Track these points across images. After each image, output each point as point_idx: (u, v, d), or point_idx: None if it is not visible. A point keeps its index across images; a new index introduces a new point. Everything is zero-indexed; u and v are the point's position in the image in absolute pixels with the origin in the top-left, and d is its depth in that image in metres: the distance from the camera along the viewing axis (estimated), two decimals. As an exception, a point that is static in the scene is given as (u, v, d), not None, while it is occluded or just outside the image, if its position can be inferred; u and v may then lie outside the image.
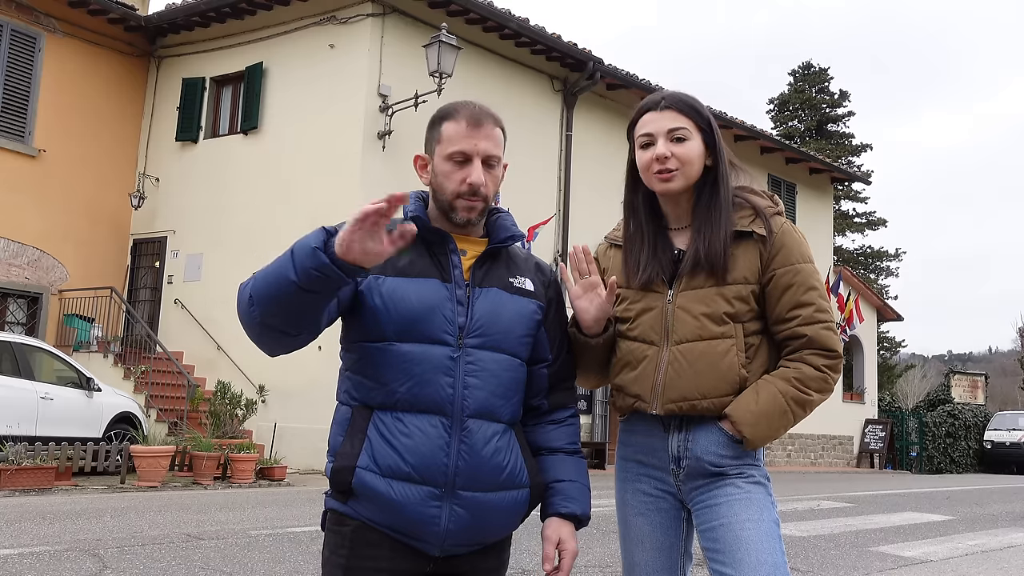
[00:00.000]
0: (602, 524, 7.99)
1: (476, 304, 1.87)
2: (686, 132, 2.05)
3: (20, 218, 15.00)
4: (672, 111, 2.07)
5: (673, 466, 2.05)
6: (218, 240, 15.34)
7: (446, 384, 1.80)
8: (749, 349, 2.02)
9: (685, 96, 2.11)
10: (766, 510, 2.00)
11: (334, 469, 1.81)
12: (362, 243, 1.59)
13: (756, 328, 2.04)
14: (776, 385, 1.99)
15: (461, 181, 1.87)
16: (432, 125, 1.96)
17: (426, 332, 1.82)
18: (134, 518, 7.72)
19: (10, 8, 15.14)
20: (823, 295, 2.04)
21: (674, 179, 2.04)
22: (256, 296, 1.69)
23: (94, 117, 16.22)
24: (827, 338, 2.00)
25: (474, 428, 1.81)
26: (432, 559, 1.82)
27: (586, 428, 17.45)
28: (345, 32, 14.56)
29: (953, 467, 27.03)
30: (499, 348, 1.87)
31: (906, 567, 6.78)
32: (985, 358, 70.31)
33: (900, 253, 40.88)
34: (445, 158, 1.89)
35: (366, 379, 1.84)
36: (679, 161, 2.04)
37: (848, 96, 41.14)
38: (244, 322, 1.74)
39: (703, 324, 2.00)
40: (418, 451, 1.77)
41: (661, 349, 2.03)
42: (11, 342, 11.39)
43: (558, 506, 1.94)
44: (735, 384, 1.99)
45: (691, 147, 2.05)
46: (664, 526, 2.11)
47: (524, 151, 15.84)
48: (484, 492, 1.81)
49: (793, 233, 2.06)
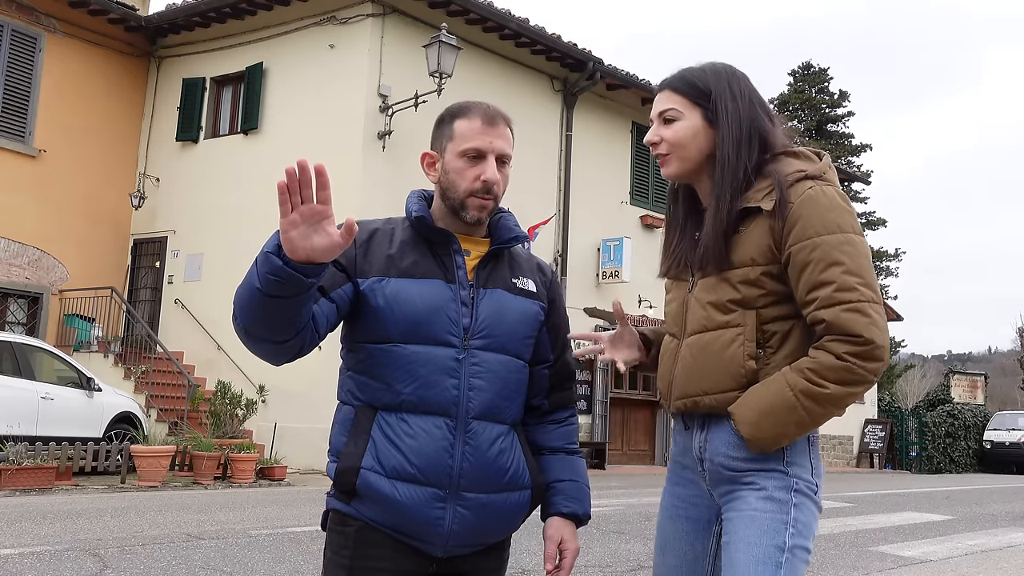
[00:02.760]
0: (602, 524, 8.00)
1: (480, 305, 1.86)
2: (675, 112, 1.91)
3: (20, 218, 15.00)
4: (666, 91, 1.94)
5: (699, 467, 1.90)
6: (218, 240, 15.34)
7: (451, 386, 1.79)
8: (771, 338, 1.80)
9: (690, 70, 1.95)
10: (768, 533, 1.74)
11: (338, 470, 1.80)
12: (305, 239, 1.53)
13: (780, 313, 1.81)
14: (786, 377, 1.75)
15: (475, 178, 1.85)
16: (442, 122, 1.93)
17: (430, 334, 1.80)
18: (134, 518, 7.72)
19: (10, 8, 15.15)
20: (851, 270, 1.73)
21: (667, 163, 1.93)
22: (236, 307, 1.68)
23: (94, 117, 16.22)
24: (848, 321, 1.71)
25: (478, 430, 1.80)
26: (435, 560, 1.82)
27: (586, 428, 17.45)
28: (345, 32, 14.56)
29: (953, 467, 27.03)
30: (503, 349, 1.86)
31: (906, 567, 6.78)
32: (985, 358, 70.29)
33: (900, 253, 40.92)
34: (459, 155, 1.87)
35: (371, 380, 1.82)
36: (669, 144, 1.92)
37: (848, 96, 41.19)
38: (237, 334, 1.73)
39: (708, 314, 1.85)
40: (423, 452, 1.76)
41: (681, 343, 1.93)
42: (11, 342, 11.39)
43: (559, 506, 1.94)
44: (740, 378, 1.79)
45: (680, 127, 1.90)
46: (692, 534, 1.95)
47: (524, 151, 15.82)
48: (488, 493, 1.81)
49: (818, 200, 1.77)
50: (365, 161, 13.90)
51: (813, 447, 1.84)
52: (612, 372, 17.88)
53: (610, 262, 17.31)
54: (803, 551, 1.75)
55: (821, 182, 1.80)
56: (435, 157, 1.93)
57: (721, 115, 1.88)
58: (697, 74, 1.93)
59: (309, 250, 1.54)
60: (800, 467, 1.80)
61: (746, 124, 1.88)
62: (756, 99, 1.93)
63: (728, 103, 1.89)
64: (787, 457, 1.79)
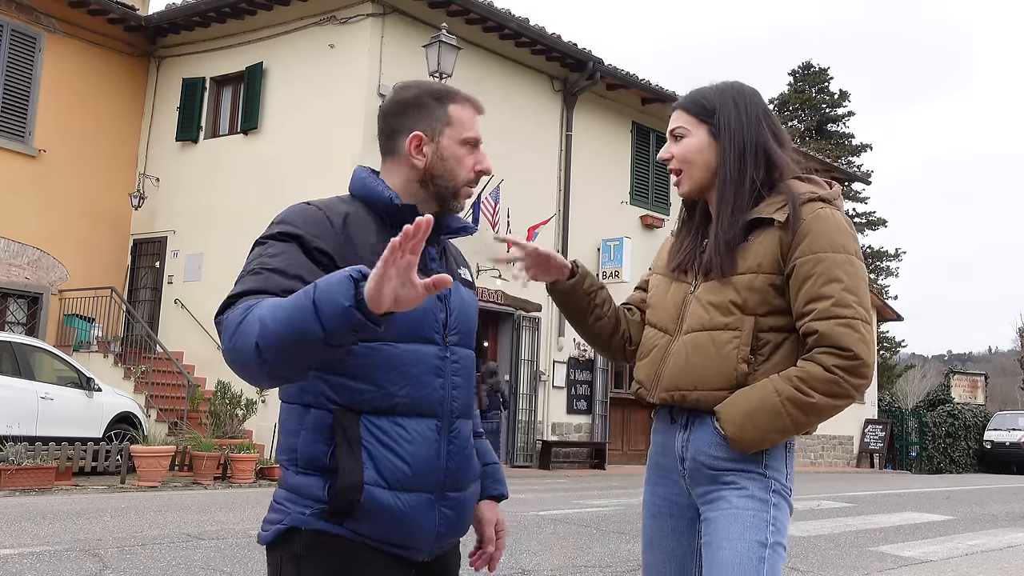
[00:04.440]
0: (602, 524, 7.99)
1: (451, 300, 1.79)
2: (683, 130, 2.00)
3: (20, 218, 14.99)
4: (678, 111, 2.04)
5: (679, 466, 1.95)
6: (218, 240, 15.33)
7: (438, 385, 1.72)
8: (763, 346, 1.87)
9: (699, 90, 2.04)
10: (752, 529, 1.81)
11: (341, 488, 1.62)
12: (394, 291, 1.38)
13: (776, 324, 1.88)
14: (774, 383, 1.83)
15: (471, 167, 1.80)
16: (431, 103, 1.80)
17: (419, 330, 1.71)
18: (134, 518, 7.72)
19: (10, 8, 15.14)
20: (851, 288, 1.82)
21: (681, 182, 2.02)
22: (268, 348, 1.46)
23: (94, 117, 16.22)
24: (842, 335, 1.79)
25: (461, 429, 1.77)
26: (416, 564, 1.76)
27: (586, 428, 17.45)
28: (345, 32, 14.56)
29: (953, 467, 27.02)
30: (467, 344, 1.83)
31: (906, 567, 6.78)
32: (985, 358, 70.29)
33: (900, 253, 40.91)
34: (460, 142, 1.79)
35: (352, 381, 1.66)
36: (679, 161, 2.00)
37: (848, 96, 41.18)
38: (244, 369, 1.52)
39: (710, 315, 1.91)
40: (420, 457, 1.68)
41: (674, 339, 1.97)
42: (11, 342, 11.39)
43: (490, 489, 1.95)
44: (730, 379, 1.86)
45: (688, 144, 1.99)
46: (677, 531, 2.00)
47: (524, 151, 15.85)
48: (464, 491, 1.79)
49: (828, 220, 1.87)
50: (365, 161, 13.80)
51: (790, 453, 1.94)
52: (612, 372, 17.89)
53: (610, 262, 17.31)
54: (782, 548, 1.85)
55: (832, 206, 1.91)
56: (427, 140, 1.79)
57: (723, 129, 1.96)
58: (705, 92, 2.02)
59: (392, 304, 1.39)
60: (777, 470, 1.89)
61: (750, 138, 1.96)
62: (765, 118, 2.00)
63: (731, 119, 1.97)
64: (766, 460, 1.88)
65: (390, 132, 1.83)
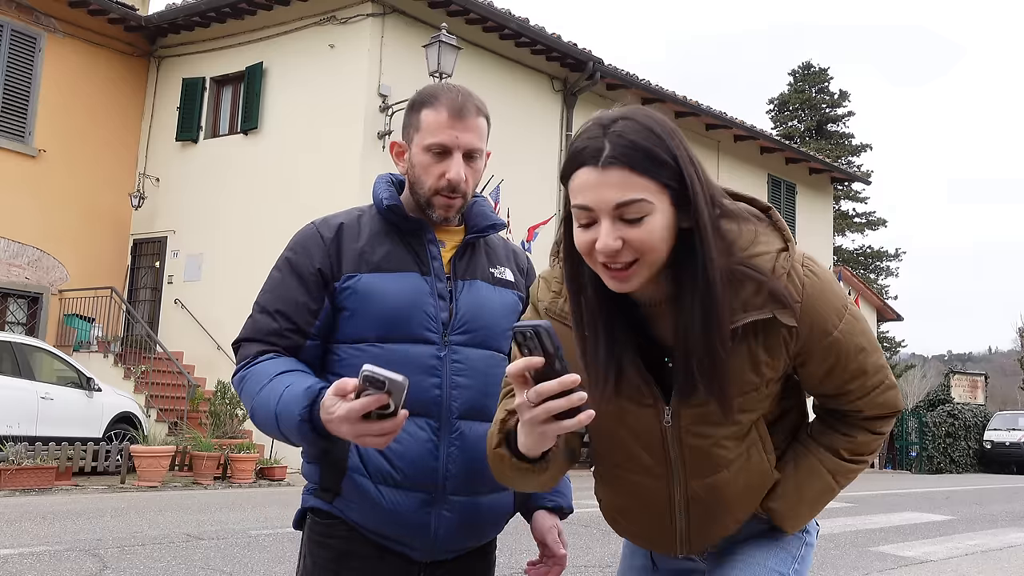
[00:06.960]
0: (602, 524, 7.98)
1: (460, 298, 1.76)
2: (643, 206, 1.33)
3: (20, 218, 15.00)
4: (619, 169, 1.33)
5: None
6: (218, 240, 15.34)
7: (432, 385, 1.70)
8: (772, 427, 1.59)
9: (640, 134, 1.36)
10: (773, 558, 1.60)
11: (323, 466, 1.75)
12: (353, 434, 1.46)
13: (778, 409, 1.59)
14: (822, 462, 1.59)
15: (439, 176, 1.73)
16: (411, 109, 1.78)
17: (407, 331, 1.70)
18: (134, 518, 7.72)
19: (10, 8, 15.14)
20: (869, 348, 1.51)
21: (630, 279, 1.38)
22: (256, 422, 1.71)
23: (94, 117, 16.21)
24: (886, 401, 1.56)
25: (466, 430, 1.72)
26: (420, 565, 1.76)
27: (586, 428, 17.43)
28: (345, 32, 14.56)
29: (953, 467, 27.02)
30: (485, 344, 1.77)
31: (906, 567, 6.78)
32: (985, 358, 70.30)
33: (900, 253, 40.98)
34: (423, 149, 1.74)
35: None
36: (635, 251, 1.35)
37: (848, 96, 41.23)
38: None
39: (728, 449, 1.51)
40: (407, 456, 1.68)
41: (674, 486, 1.55)
42: (11, 342, 11.39)
43: (546, 500, 1.89)
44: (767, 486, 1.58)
45: (652, 226, 1.34)
46: None
47: (524, 151, 15.84)
48: (476, 496, 1.74)
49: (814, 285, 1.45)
50: (365, 161, 13.89)
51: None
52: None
53: (610, 262, 17.31)
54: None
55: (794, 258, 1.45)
56: (404, 147, 1.80)
57: (693, 195, 1.36)
58: (653, 141, 1.36)
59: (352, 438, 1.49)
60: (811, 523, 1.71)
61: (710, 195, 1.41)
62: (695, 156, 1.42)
63: (695, 178, 1.37)
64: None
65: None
